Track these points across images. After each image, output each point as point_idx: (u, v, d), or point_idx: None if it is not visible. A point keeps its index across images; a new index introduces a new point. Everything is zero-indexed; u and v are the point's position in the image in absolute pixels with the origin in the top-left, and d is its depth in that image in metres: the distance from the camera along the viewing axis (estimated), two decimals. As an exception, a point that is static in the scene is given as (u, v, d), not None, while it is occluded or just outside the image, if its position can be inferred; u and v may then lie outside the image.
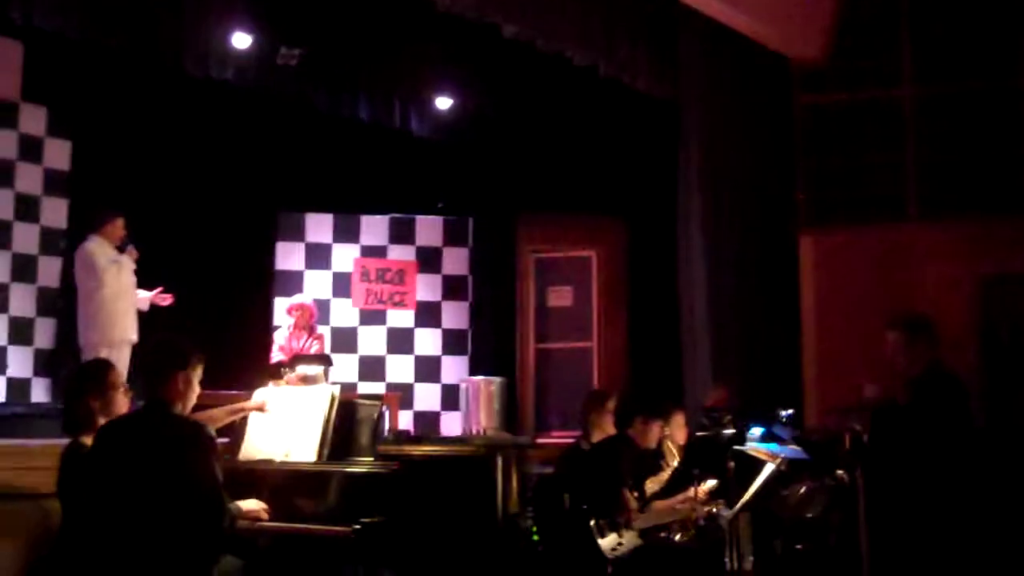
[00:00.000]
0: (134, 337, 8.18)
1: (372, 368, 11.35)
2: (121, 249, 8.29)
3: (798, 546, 6.92)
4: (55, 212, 9.89)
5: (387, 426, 7.82)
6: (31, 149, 9.77)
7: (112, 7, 8.95)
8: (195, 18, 9.31)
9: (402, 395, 10.84)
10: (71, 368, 5.87)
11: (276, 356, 9.28)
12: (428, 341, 11.62)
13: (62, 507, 4.63)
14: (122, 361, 7.85)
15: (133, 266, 8.32)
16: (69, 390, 4.86)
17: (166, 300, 8.46)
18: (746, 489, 6.24)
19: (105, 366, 4.95)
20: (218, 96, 10.23)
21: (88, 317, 8.12)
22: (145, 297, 8.39)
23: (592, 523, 5.86)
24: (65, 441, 4.81)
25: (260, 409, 5.55)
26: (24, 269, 9.65)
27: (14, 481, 5.47)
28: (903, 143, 10.27)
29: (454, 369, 11.45)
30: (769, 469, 6.32)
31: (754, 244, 10.08)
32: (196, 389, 4.63)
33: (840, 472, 6.88)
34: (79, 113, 10.04)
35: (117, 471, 4.38)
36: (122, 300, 8.21)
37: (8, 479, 5.47)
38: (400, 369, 11.46)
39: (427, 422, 11.11)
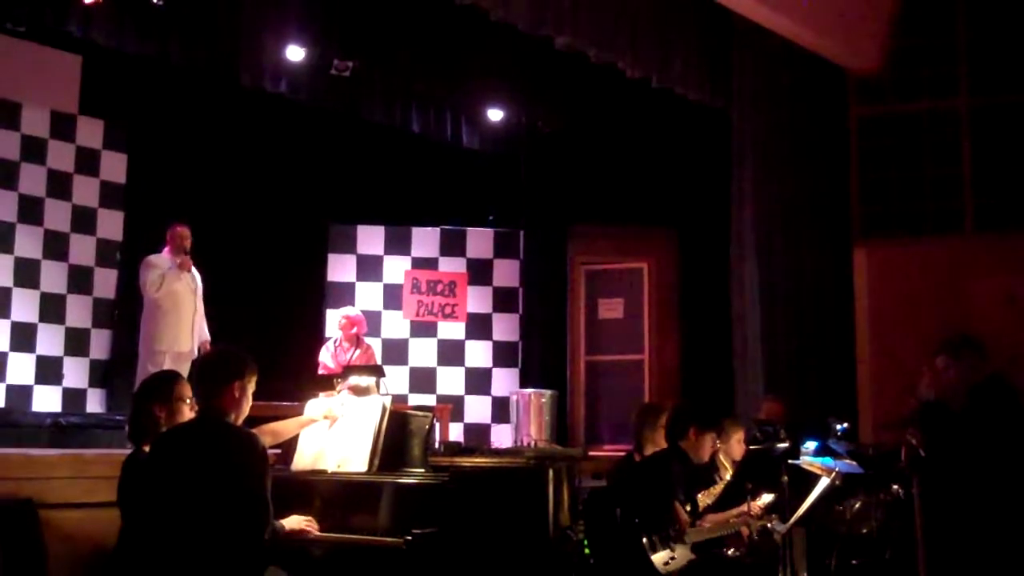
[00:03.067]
0: (186, 348, 8.25)
1: (423, 380, 11.36)
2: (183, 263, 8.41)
3: (853, 561, 6.84)
4: (111, 224, 10.01)
5: (437, 438, 7.81)
6: (88, 162, 9.91)
7: (169, 22, 9.07)
8: (250, 32, 9.41)
9: (453, 407, 10.82)
10: (137, 379, 5.92)
11: (320, 371, 9.32)
12: (479, 353, 11.61)
13: (122, 515, 4.66)
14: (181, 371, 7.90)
15: (179, 280, 8.42)
16: (135, 400, 4.90)
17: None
18: (800, 503, 6.17)
19: (172, 377, 4.98)
20: (271, 109, 10.33)
21: (146, 325, 8.30)
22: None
23: (644, 539, 5.80)
24: (120, 451, 4.85)
25: (328, 418, 5.57)
26: (80, 280, 9.77)
27: (69, 490, 5.53)
28: (959, 154, 10.15)
29: (505, 381, 11.43)
30: (824, 483, 6.24)
31: (808, 256, 9.99)
32: (250, 400, 4.64)
33: (895, 486, 6.81)
34: (135, 126, 10.16)
35: (171, 479, 4.41)
36: (174, 313, 8.33)
37: (64, 488, 5.53)
38: (451, 381, 11.47)
39: (477, 434, 11.09)
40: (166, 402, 4.80)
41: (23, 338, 9.34)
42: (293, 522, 4.91)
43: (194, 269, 8.57)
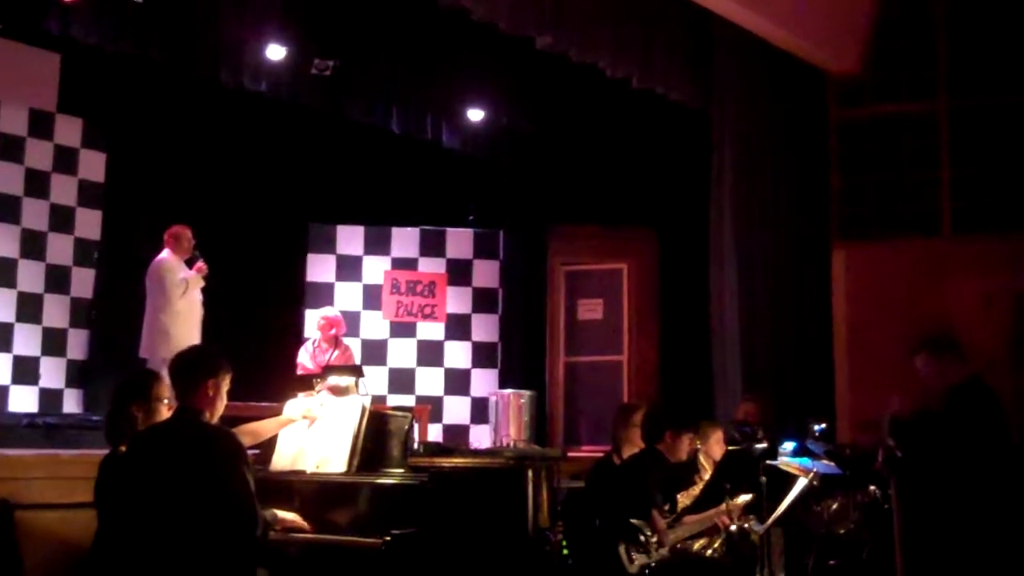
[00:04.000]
0: None
1: (402, 380, 11.35)
2: (190, 263, 8.42)
3: (831, 562, 6.86)
4: (89, 223, 9.97)
5: (416, 438, 7.80)
6: (66, 160, 9.87)
7: (148, 19, 9.02)
8: (230, 30, 9.36)
9: (432, 407, 10.82)
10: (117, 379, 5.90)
11: (299, 372, 9.30)
12: (458, 354, 11.62)
13: (98, 515, 4.65)
14: None
15: (202, 283, 8.49)
16: (114, 400, 4.88)
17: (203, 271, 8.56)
18: (778, 504, 6.20)
19: (150, 377, 4.97)
20: (252, 108, 10.30)
21: (155, 331, 8.26)
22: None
23: (622, 545, 5.82)
24: (97, 451, 4.83)
25: (307, 418, 5.56)
26: (58, 280, 9.73)
27: (46, 491, 5.50)
28: (938, 156, 10.17)
29: (484, 382, 11.44)
30: (802, 484, 6.28)
31: (787, 257, 10.01)
32: (224, 398, 4.64)
33: (873, 487, 6.84)
34: (114, 125, 10.12)
35: (149, 479, 4.40)
36: (190, 317, 8.40)
37: (40, 488, 5.51)
38: (430, 381, 11.46)
39: (456, 435, 11.09)
40: (144, 402, 4.78)
41: (-1, 338, 9.30)
42: (288, 514, 4.93)
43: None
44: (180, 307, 8.32)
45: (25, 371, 9.40)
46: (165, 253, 8.50)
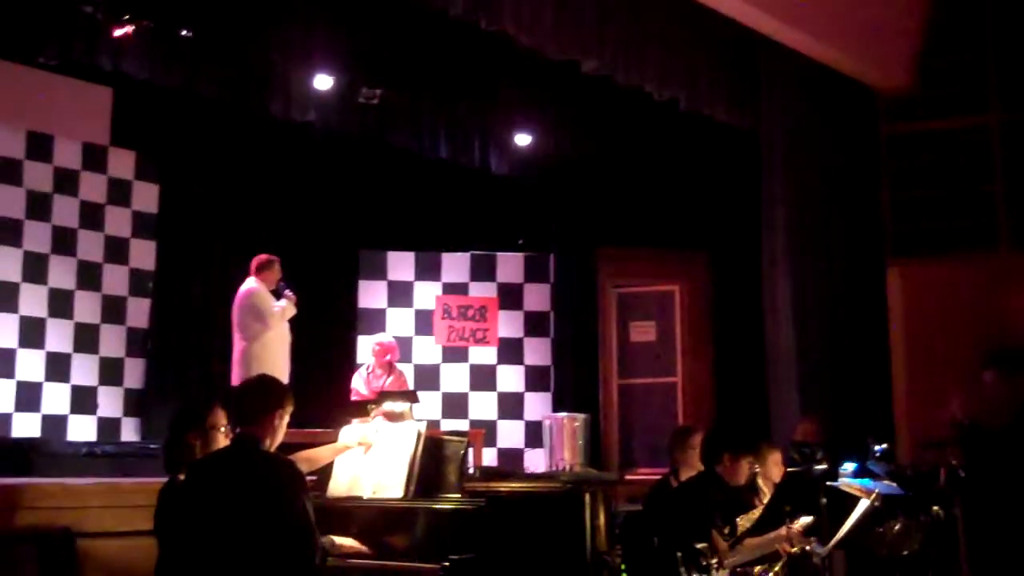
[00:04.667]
0: (287, 380, 8.25)
1: (455, 405, 11.35)
2: (277, 293, 8.43)
3: (895, 584, 6.75)
4: (144, 254, 10.08)
5: (471, 463, 7.78)
6: (120, 192, 9.99)
7: (197, 53, 9.14)
8: (278, 62, 9.46)
9: (485, 432, 10.78)
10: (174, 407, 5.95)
11: (353, 398, 9.32)
12: (511, 378, 11.59)
13: (159, 544, 4.66)
14: None
15: (294, 311, 8.47)
16: (171, 429, 4.91)
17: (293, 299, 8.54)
18: (840, 526, 6.10)
19: (207, 406, 4.98)
20: (301, 138, 10.39)
21: (250, 358, 8.20)
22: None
23: (682, 568, 5.74)
24: (156, 480, 4.85)
25: (363, 445, 5.56)
26: (114, 310, 9.83)
27: (105, 520, 5.54)
28: (992, 171, 10.06)
29: (537, 405, 11.41)
30: (864, 505, 6.17)
31: (841, 276, 9.92)
32: (284, 428, 4.65)
33: (936, 508, 6.72)
34: (166, 157, 10.24)
35: (208, 507, 4.40)
36: (282, 346, 8.40)
37: (101, 517, 5.54)
38: (483, 406, 11.45)
39: (511, 459, 11.06)
40: (200, 430, 4.80)
41: (57, 368, 9.41)
42: (347, 542, 4.92)
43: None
44: (272, 336, 8.31)
45: (83, 400, 9.51)
46: (254, 282, 8.42)
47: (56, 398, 9.36)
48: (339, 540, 4.94)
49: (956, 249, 10.05)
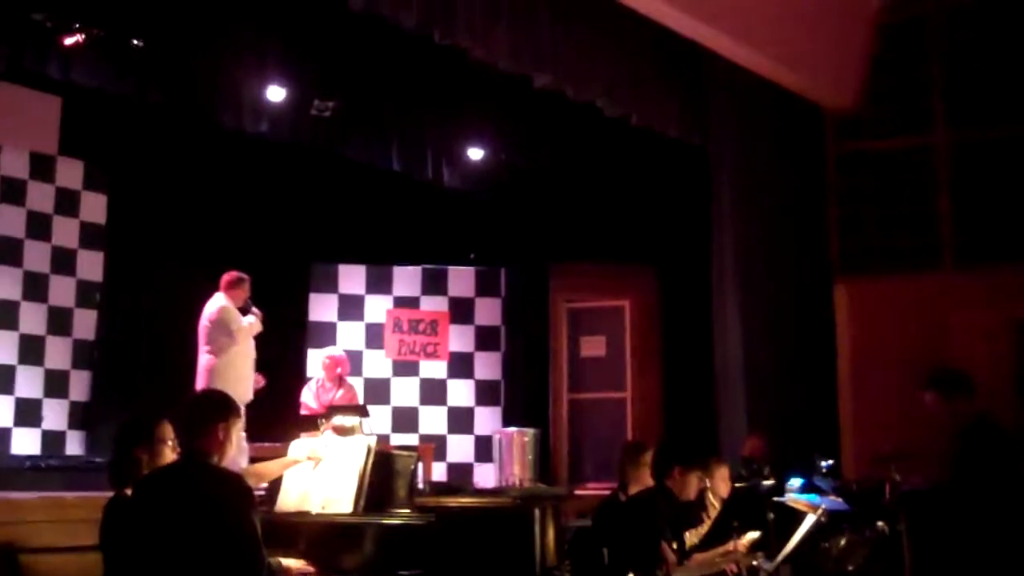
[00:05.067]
0: (251, 396, 8.27)
1: (405, 419, 11.32)
2: (244, 311, 8.41)
3: (840, 599, 6.81)
4: (91, 265, 9.97)
5: (421, 477, 7.77)
6: (68, 202, 9.87)
7: (149, 62, 9.06)
8: (230, 72, 9.41)
9: (435, 446, 10.77)
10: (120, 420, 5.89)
11: (303, 412, 9.28)
12: (461, 392, 11.58)
13: (104, 559, 4.60)
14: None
15: (260, 327, 8.46)
16: (117, 442, 4.85)
17: (260, 383, 8.54)
18: (787, 541, 6.16)
19: (154, 419, 4.93)
20: (252, 149, 10.33)
21: (215, 372, 8.16)
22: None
23: (631, 578, 5.77)
24: (101, 494, 4.79)
25: (313, 459, 5.53)
26: (60, 321, 9.71)
27: (49, 534, 5.47)
28: (937, 190, 10.23)
29: (487, 420, 11.41)
30: (810, 520, 6.25)
31: (789, 292, 10.01)
32: (233, 443, 4.61)
33: (881, 523, 6.81)
34: (115, 167, 10.14)
35: (155, 522, 4.36)
36: (249, 359, 8.38)
37: (44, 532, 5.47)
38: (433, 420, 11.43)
39: (460, 473, 11.05)
40: (148, 444, 4.73)
41: (1, 380, 9.26)
42: (294, 563, 4.88)
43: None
44: (237, 351, 8.29)
45: (28, 413, 9.36)
46: (223, 299, 8.39)
47: (0, 411, 9.22)
48: (286, 562, 4.89)
49: (902, 267, 10.19)
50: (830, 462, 7.80)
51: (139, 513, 4.42)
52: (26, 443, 9.28)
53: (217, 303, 8.38)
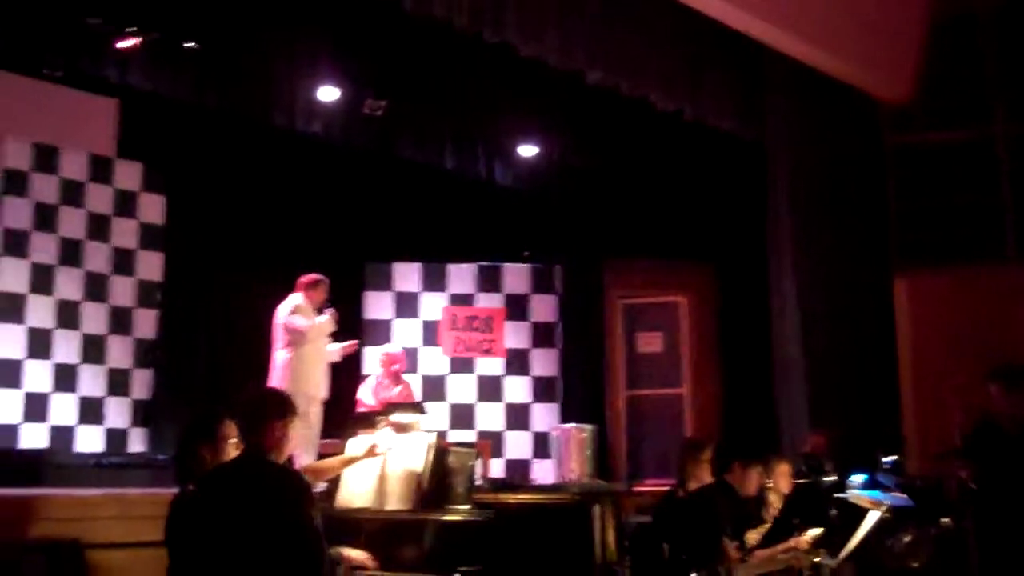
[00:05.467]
0: (325, 394, 8.45)
1: (462, 416, 11.32)
2: (320, 311, 8.54)
3: (904, 597, 6.74)
4: (150, 265, 10.07)
5: (479, 474, 7.77)
6: (127, 204, 9.98)
7: (203, 65, 9.16)
8: (283, 73, 9.48)
9: (492, 443, 10.77)
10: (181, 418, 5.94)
11: (359, 409, 9.30)
12: (518, 389, 11.57)
13: (169, 555, 4.65)
14: (315, 414, 8.24)
15: (333, 327, 8.56)
16: (181, 440, 4.90)
17: (354, 347, 8.75)
18: (850, 538, 6.09)
19: (217, 416, 4.96)
20: (306, 149, 10.41)
21: (288, 371, 8.31)
22: (336, 348, 8.70)
23: (693, 575, 5.73)
24: (163, 490, 4.84)
25: (372, 454, 5.54)
26: (121, 321, 9.82)
27: (113, 530, 5.53)
28: (998, 182, 10.05)
29: (544, 417, 11.38)
30: (873, 517, 6.16)
31: (847, 286, 9.90)
32: (291, 440, 4.64)
33: (945, 520, 6.71)
34: (173, 168, 10.25)
35: (216, 519, 4.40)
36: (322, 358, 8.51)
37: (109, 528, 5.53)
38: (490, 417, 11.42)
39: (518, 470, 11.02)
40: (211, 441, 4.78)
41: (65, 379, 9.40)
42: (354, 552, 4.90)
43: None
44: (313, 348, 8.43)
45: (91, 411, 9.49)
46: (299, 298, 8.51)
47: (64, 409, 9.35)
48: (347, 552, 4.92)
49: (963, 260, 10.02)
50: (893, 458, 7.71)
51: (202, 509, 4.46)
52: (90, 440, 9.41)
53: (293, 302, 8.50)
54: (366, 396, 9.46)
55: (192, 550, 4.46)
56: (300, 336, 8.36)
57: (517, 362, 11.60)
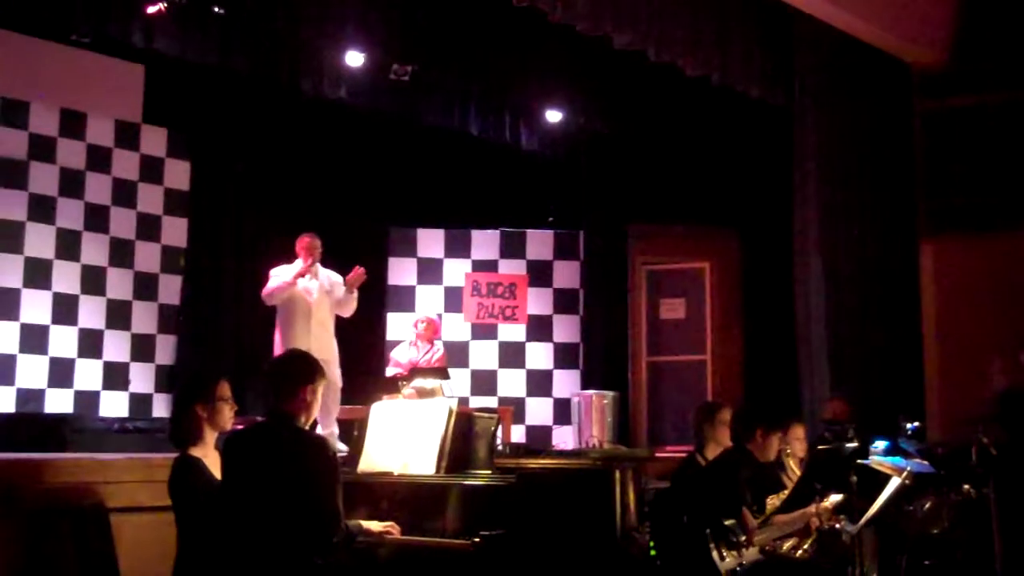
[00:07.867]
0: (329, 356, 7.87)
1: (484, 382, 11.37)
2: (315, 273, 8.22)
3: (925, 562, 6.73)
4: (176, 231, 10.13)
5: (501, 439, 7.80)
6: (152, 170, 10.03)
7: (230, 30, 9.15)
8: (309, 38, 9.45)
9: (514, 409, 10.80)
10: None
11: (392, 371, 9.28)
12: (540, 355, 11.60)
13: (176, 521, 4.71)
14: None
15: (317, 284, 8.16)
16: (177, 401, 4.94)
17: (359, 274, 8.35)
18: (871, 504, 6.08)
19: (213, 377, 4.99)
20: (331, 114, 10.40)
21: (279, 332, 8.08)
22: (341, 289, 8.30)
23: (712, 544, 5.74)
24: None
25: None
26: (146, 287, 9.90)
27: (137, 494, 5.59)
28: (1027, 147, 9.93)
29: (566, 383, 11.41)
30: (895, 483, 6.14)
31: (872, 253, 9.84)
32: (318, 403, 4.69)
33: (967, 486, 6.70)
34: (198, 134, 10.28)
35: (238, 479, 4.47)
36: (304, 318, 8.04)
37: (132, 492, 5.59)
38: (512, 383, 11.46)
39: (539, 436, 11.08)
40: (208, 402, 4.81)
41: (90, 344, 9.49)
42: (376, 525, 4.94)
43: (322, 277, 8.30)
44: (295, 308, 8.03)
45: (115, 376, 9.59)
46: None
47: (88, 374, 9.45)
48: (367, 524, 4.93)
49: (990, 226, 9.92)
50: (915, 424, 7.67)
51: (228, 471, 4.52)
52: (114, 405, 9.51)
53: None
54: (400, 355, 9.40)
55: (199, 513, 4.52)
56: (267, 298, 8.08)
57: (539, 328, 11.63)
